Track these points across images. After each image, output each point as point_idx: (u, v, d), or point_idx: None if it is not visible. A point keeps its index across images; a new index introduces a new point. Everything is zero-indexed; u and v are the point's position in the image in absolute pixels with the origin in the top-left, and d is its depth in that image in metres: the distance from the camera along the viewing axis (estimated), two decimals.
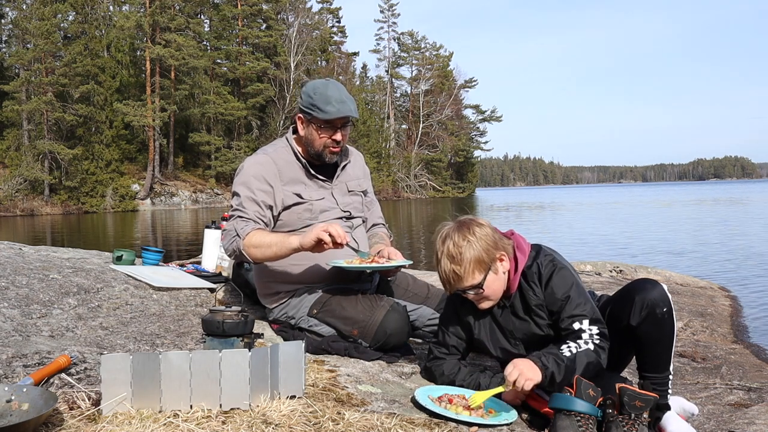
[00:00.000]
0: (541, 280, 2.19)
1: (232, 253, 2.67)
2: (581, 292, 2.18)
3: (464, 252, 2.10)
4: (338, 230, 2.46)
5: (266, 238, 2.60)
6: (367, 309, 2.59)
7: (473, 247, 2.10)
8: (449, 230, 2.16)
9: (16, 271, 3.03)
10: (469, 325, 2.32)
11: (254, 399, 1.81)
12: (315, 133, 2.71)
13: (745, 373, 3.38)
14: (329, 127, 2.69)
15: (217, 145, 48.96)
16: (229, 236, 2.67)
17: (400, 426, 1.82)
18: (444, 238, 2.15)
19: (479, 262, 2.11)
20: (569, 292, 2.16)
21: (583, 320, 2.14)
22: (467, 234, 2.12)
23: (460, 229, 2.14)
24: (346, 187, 2.88)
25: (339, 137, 2.72)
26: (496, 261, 2.15)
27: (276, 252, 2.59)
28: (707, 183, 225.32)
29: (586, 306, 2.16)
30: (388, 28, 74.07)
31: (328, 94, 2.66)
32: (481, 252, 2.11)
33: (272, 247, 2.58)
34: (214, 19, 53.08)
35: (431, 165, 68.70)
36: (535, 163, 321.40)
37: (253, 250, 2.60)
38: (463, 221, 2.17)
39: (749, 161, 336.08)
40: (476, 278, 2.13)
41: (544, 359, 2.05)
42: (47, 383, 1.86)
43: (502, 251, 2.17)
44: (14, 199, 40.38)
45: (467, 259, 2.10)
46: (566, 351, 2.08)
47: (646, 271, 6.42)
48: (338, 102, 2.65)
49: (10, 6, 46.85)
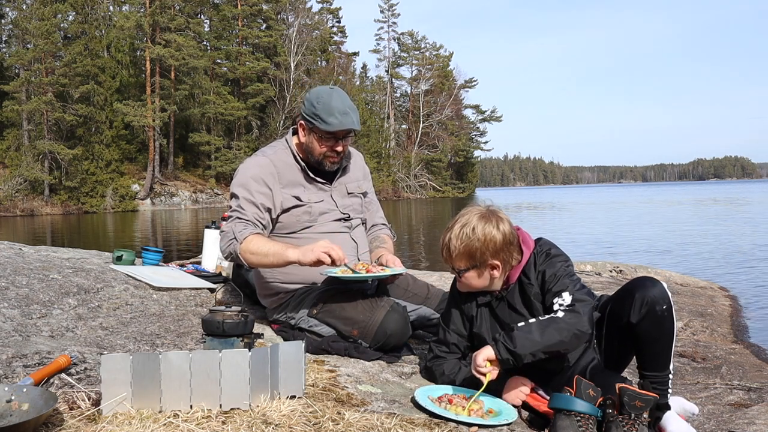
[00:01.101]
0: (536, 267, 2.24)
1: (229, 255, 2.66)
2: (569, 274, 2.21)
3: (466, 239, 2.18)
4: (339, 254, 2.47)
5: (264, 247, 2.58)
6: (367, 309, 2.59)
7: (476, 242, 2.17)
8: (474, 214, 2.22)
9: (16, 271, 3.03)
10: (471, 319, 2.35)
11: (254, 399, 1.81)
12: (316, 143, 2.71)
13: (745, 373, 3.38)
14: (331, 138, 2.69)
15: (217, 145, 48.95)
16: (226, 238, 2.66)
17: (400, 426, 1.82)
18: (466, 215, 2.22)
19: (470, 255, 2.19)
20: (556, 272, 2.20)
21: (563, 294, 2.16)
22: (479, 227, 2.17)
23: (481, 217, 2.20)
24: (346, 189, 2.88)
25: (340, 148, 2.72)
26: (486, 266, 2.20)
27: (273, 262, 2.59)
28: (707, 183, 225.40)
29: (570, 284, 2.18)
30: (388, 28, 74.15)
31: (332, 105, 2.65)
32: (475, 251, 2.18)
33: (269, 257, 2.57)
34: (214, 19, 53.06)
35: (431, 165, 68.71)
36: (535, 163, 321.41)
37: (249, 256, 2.59)
38: (490, 213, 2.22)
39: (749, 161, 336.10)
40: (460, 265, 2.22)
41: (496, 335, 2.11)
42: (47, 383, 1.86)
43: (498, 261, 2.20)
44: (14, 199, 40.37)
45: (464, 245, 2.18)
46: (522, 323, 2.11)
47: (646, 271, 6.42)
48: (341, 114, 2.64)
49: (10, 6, 46.86)
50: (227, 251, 2.66)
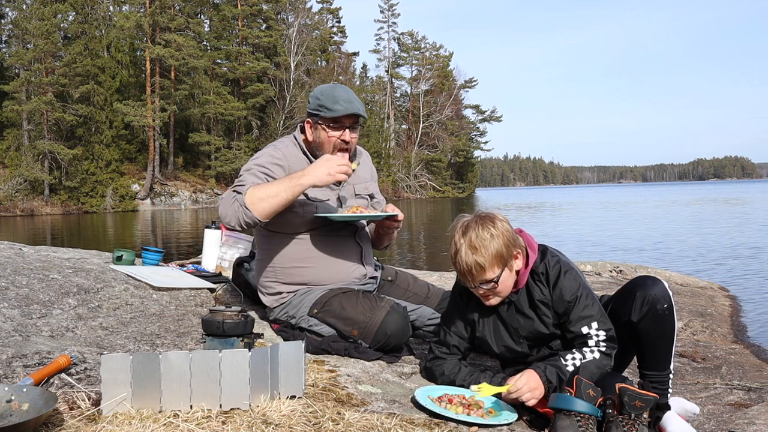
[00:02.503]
0: (548, 281, 2.20)
1: (234, 216, 2.48)
2: (589, 294, 2.20)
3: (488, 244, 2.09)
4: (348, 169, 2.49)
5: (270, 188, 2.46)
6: (368, 309, 2.59)
7: (496, 240, 2.10)
8: (470, 222, 2.15)
9: (16, 271, 3.02)
10: (473, 323, 2.33)
11: (254, 399, 1.81)
12: (323, 134, 2.70)
13: (745, 373, 3.38)
14: (338, 126, 2.68)
15: (217, 145, 48.94)
16: (227, 202, 2.51)
17: (400, 426, 1.82)
18: (465, 229, 2.13)
19: (500, 256, 2.11)
20: (577, 293, 2.17)
21: (591, 323, 2.15)
22: (490, 227, 2.12)
23: (483, 221, 2.13)
24: (354, 190, 2.87)
25: (348, 137, 2.70)
26: (512, 258, 2.16)
27: (287, 197, 2.46)
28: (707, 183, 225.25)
29: (594, 308, 2.17)
30: (388, 28, 74.11)
31: (336, 94, 2.66)
32: (501, 246, 2.10)
33: (280, 193, 2.45)
34: (214, 19, 53.04)
35: (431, 165, 68.70)
36: (535, 163, 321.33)
37: (258, 202, 2.44)
38: (484, 215, 2.17)
39: (749, 161, 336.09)
40: (495, 272, 2.12)
41: (548, 373, 2.07)
42: (47, 383, 1.86)
43: (518, 248, 2.18)
44: (14, 199, 40.36)
45: (490, 251, 2.09)
46: (570, 365, 2.10)
47: (646, 271, 6.42)
48: (346, 101, 2.65)
49: (10, 6, 46.84)
50: (230, 212, 2.48)
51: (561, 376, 2.07)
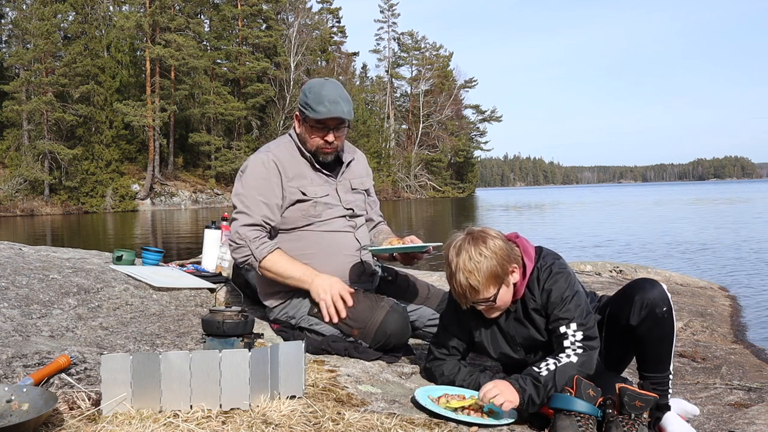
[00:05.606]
0: (539, 283, 2.18)
1: (243, 261, 2.71)
2: (575, 296, 2.15)
3: (481, 266, 2.06)
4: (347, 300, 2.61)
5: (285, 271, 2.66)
6: (368, 309, 2.59)
7: (489, 261, 2.07)
8: (462, 242, 2.11)
9: (16, 271, 3.02)
10: (470, 328, 2.32)
11: (254, 399, 1.81)
12: (307, 133, 2.71)
13: (745, 373, 3.38)
14: (321, 127, 2.67)
15: (217, 145, 48.94)
16: (242, 252, 2.67)
17: (400, 426, 1.82)
18: (458, 250, 2.09)
19: (494, 276, 2.08)
20: (563, 294, 2.14)
21: (570, 324, 2.12)
22: (482, 248, 2.07)
23: (475, 241, 2.09)
24: (350, 185, 2.87)
25: (331, 138, 2.68)
26: (509, 274, 2.13)
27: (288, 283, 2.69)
28: (707, 183, 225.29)
29: (576, 310, 2.13)
30: (388, 28, 74.12)
31: (323, 93, 2.63)
32: (496, 266, 2.08)
33: (287, 279, 2.67)
34: (214, 19, 53.05)
35: (431, 165, 68.70)
36: (535, 163, 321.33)
37: (267, 272, 2.68)
38: (476, 233, 2.12)
39: (749, 161, 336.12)
40: (491, 291, 2.10)
41: (521, 381, 2.04)
42: (47, 383, 1.86)
43: (514, 263, 2.15)
44: (14, 199, 40.35)
45: (484, 273, 2.06)
46: (544, 370, 2.06)
47: (646, 271, 6.41)
48: (331, 102, 2.62)
49: (10, 6, 46.83)
50: (241, 262, 2.72)
51: (535, 383, 2.03)
